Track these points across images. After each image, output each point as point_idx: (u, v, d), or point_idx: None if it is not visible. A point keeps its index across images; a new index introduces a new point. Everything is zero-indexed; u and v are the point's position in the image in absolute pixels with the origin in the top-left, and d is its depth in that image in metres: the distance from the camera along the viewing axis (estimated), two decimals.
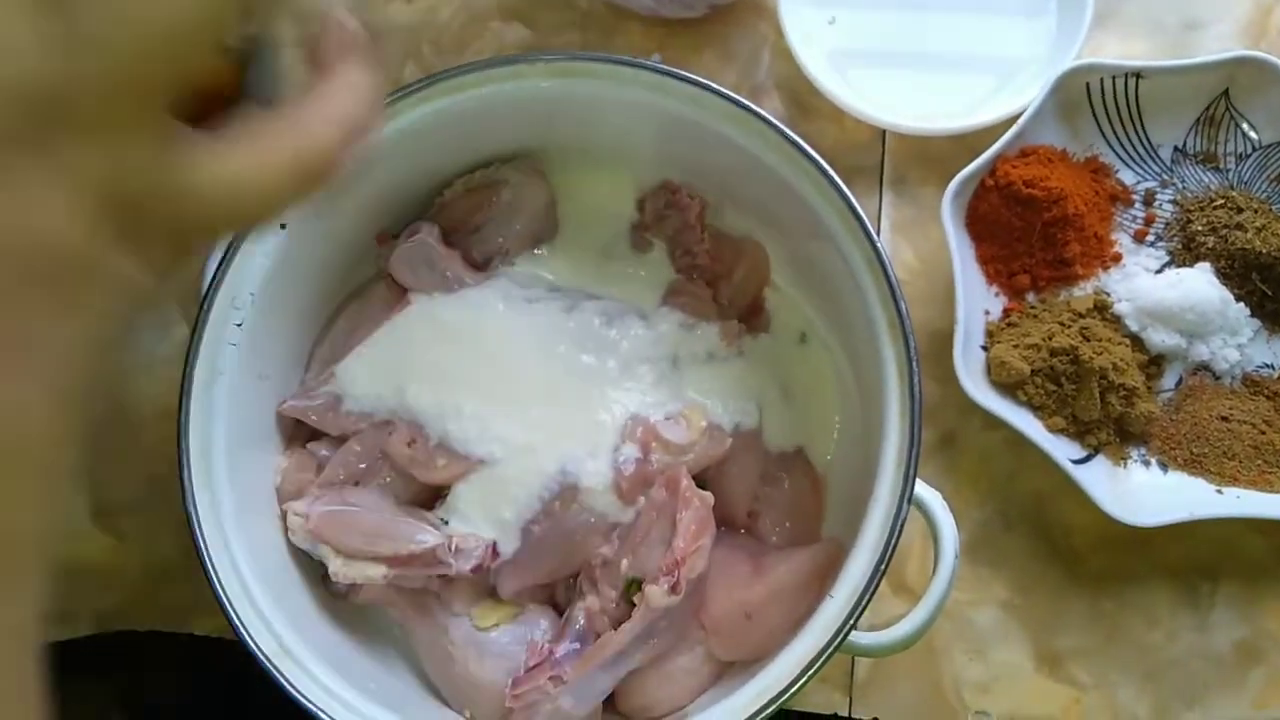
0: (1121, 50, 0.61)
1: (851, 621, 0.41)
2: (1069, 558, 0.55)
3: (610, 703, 0.48)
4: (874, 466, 0.44)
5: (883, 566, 0.41)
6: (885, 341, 0.44)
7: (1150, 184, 0.58)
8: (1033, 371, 0.53)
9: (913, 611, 0.43)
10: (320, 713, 0.43)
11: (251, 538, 0.46)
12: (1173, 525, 0.51)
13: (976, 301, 0.55)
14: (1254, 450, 0.54)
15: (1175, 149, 0.58)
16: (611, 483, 0.48)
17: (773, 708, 0.40)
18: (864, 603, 0.41)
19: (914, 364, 0.43)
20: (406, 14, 0.64)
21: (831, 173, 0.45)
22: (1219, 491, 0.53)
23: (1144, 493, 0.53)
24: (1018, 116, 0.55)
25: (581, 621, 0.47)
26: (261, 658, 0.43)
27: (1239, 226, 0.55)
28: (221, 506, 0.45)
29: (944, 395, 0.55)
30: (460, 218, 0.53)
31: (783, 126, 0.46)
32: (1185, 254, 0.57)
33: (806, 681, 0.40)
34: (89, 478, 0.60)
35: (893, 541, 0.41)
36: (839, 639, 0.41)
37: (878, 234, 0.45)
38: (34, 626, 0.22)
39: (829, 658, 0.41)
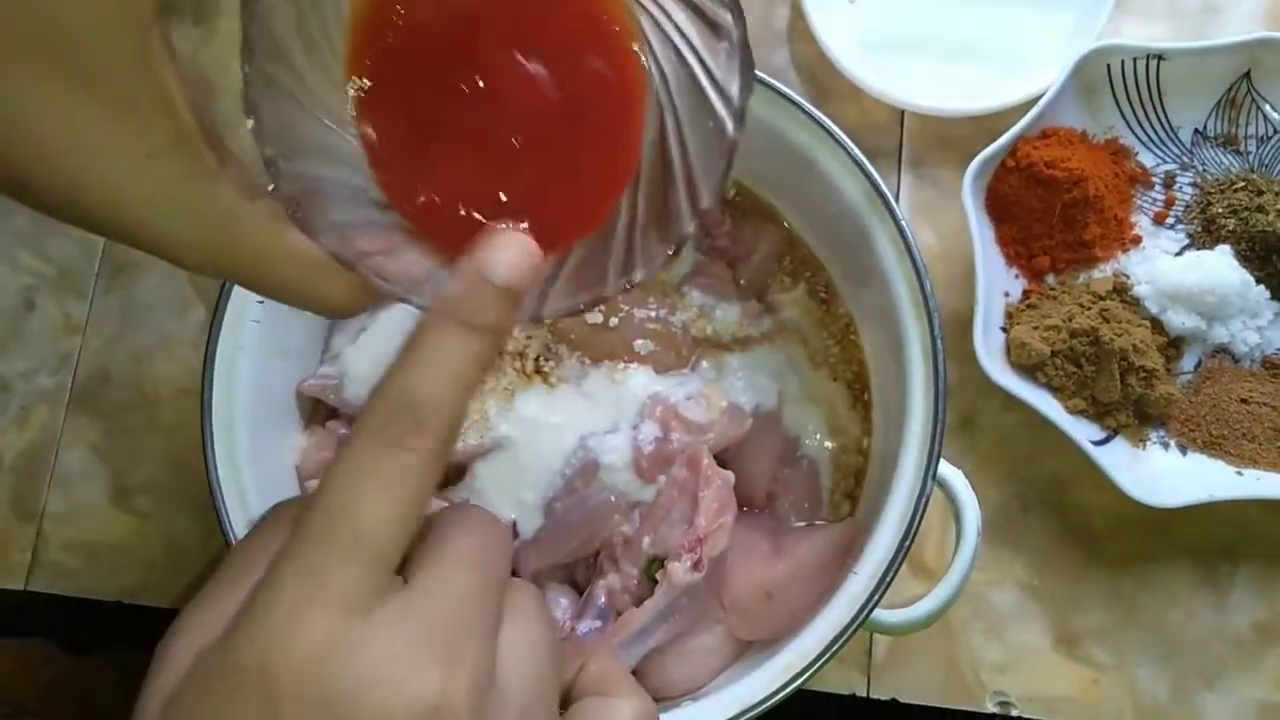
0: (1142, 32, 0.61)
1: (876, 598, 0.41)
2: (1088, 539, 0.55)
3: None
4: (896, 445, 0.44)
5: (907, 543, 0.41)
6: (910, 321, 0.44)
7: (1170, 166, 0.58)
8: (1053, 353, 0.53)
9: (935, 589, 0.43)
10: None
11: None
12: (1192, 506, 0.51)
13: (996, 283, 0.55)
14: (1274, 432, 0.54)
15: (1195, 131, 0.58)
16: (631, 460, 0.47)
17: (796, 684, 0.40)
18: (888, 579, 0.41)
19: (938, 343, 0.43)
20: None
21: (857, 152, 0.45)
22: (1238, 473, 0.53)
23: (1163, 474, 0.53)
24: (1037, 98, 0.55)
25: (602, 599, 0.47)
26: None
27: (1260, 209, 0.55)
28: (244, 483, 0.45)
29: (962, 376, 0.55)
30: None
31: (807, 105, 0.46)
32: (1205, 236, 0.57)
33: (830, 658, 0.40)
34: (107, 459, 0.60)
35: (917, 518, 0.41)
36: (863, 615, 0.41)
37: None
38: None
39: (852, 634, 0.41)
